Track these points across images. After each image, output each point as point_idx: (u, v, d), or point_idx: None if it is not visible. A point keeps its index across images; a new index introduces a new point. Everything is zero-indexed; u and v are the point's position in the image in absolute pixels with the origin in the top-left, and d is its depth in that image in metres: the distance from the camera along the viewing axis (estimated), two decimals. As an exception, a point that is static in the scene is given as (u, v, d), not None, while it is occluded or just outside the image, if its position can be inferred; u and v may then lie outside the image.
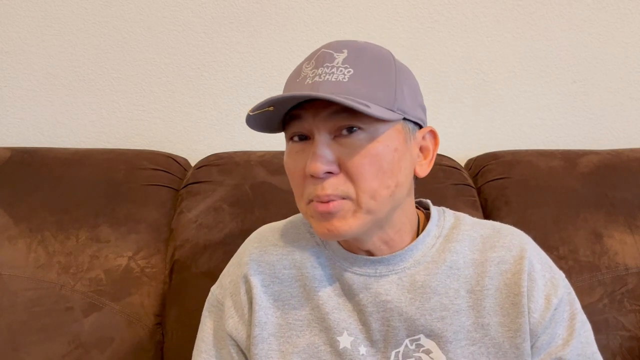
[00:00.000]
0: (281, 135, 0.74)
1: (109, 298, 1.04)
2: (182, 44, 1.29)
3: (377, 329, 0.74)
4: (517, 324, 0.73)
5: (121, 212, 1.10)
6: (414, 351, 0.73)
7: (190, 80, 1.31)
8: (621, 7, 1.29)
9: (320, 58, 0.70)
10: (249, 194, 1.10)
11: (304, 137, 0.70)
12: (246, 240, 0.84)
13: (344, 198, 0.68)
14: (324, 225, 0.69)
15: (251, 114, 0.67)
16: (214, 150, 1.25)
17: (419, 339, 0.73)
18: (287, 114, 0.71)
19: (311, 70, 0.69)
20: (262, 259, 0.79)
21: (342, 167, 0.68)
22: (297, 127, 0.70)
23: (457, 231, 0.78)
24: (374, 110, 0.65)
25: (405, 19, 1.29)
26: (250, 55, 1.30)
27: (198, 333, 0.83)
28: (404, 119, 0.71)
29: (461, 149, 1.32)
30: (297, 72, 0.71)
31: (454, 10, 1.29)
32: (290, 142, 0.72)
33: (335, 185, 0.68)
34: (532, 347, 0.74)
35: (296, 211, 0.86)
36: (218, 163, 1.17)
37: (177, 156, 1.25)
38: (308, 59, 0.71)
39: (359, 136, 0.68)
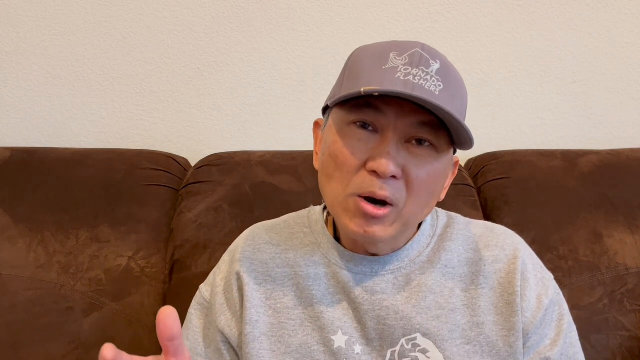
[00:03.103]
0: (279, 136, 0.74)
1: (109, 298, 1.04)
2: (182, 44, 1.29)
3: (373, 327, 0.74)
4: (511, 322, 0.73)
5: (121, 212, 1.10)
6: (410, 350, 0.73)
7: (190, 80, 1.31)
8: (621, 7, 1.29)
9: (415, 57, 0.66)
10: (249, 194, 1.10)
11: (366, 126, 0.68)
12: (238, 238, 0.84)
13: (392, 204, 0.68)
14: (362, 226, 0.68)
15: (363, 92, 0.63)
16: (214, 150, 1.24)
17: (415, 338, 0.73)
18: (361, 97, 0.66)
19: (403, 65, 0.65)
20: (255, 257, 0.79)
21: (404, 174, 0.67)
22: (371, 116, 0.67)
23: (451, 230, 0.78)
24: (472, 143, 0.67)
25: (405, 19, 1.29)
26: (250, 55, 1.30)
27: (182, 331, 0.82)
28: None
29: (461, 149, 1.32)
30: (382, 58, 0.67)
31: (454, 10, 1.29)
32: (352, 126, 0.68)
33: (394, 189, 0.67)
34: (523, 346, 0.74)
35: (295, 211, 0.86)
36: (218, 163, 1.17)
37: (177, 156, 1.25)
38: (397, 50, 0.67)
39: (429, 152, 0.68)
